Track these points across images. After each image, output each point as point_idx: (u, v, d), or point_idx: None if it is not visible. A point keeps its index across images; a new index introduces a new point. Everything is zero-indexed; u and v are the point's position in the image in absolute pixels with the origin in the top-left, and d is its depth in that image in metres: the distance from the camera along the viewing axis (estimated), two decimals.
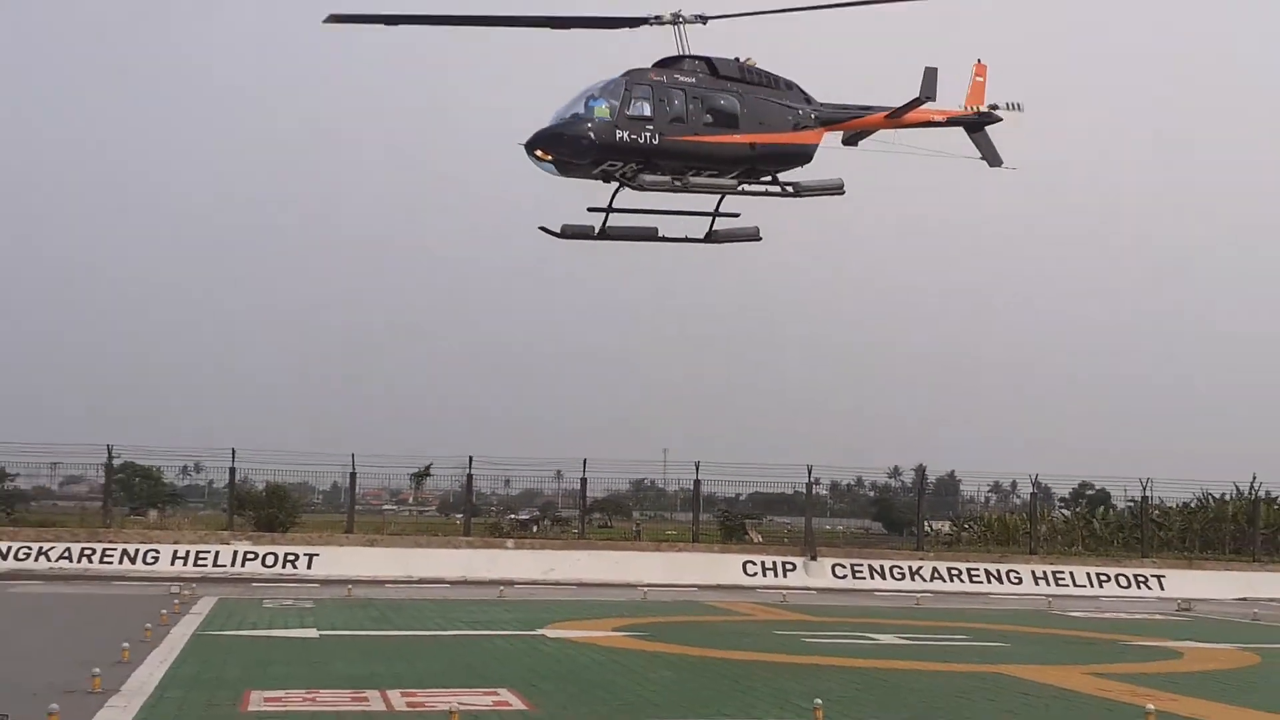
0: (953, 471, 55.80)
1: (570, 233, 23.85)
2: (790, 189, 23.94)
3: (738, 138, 22.62)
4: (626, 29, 22.11)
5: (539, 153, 22.05)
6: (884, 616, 30.61)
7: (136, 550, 39.67)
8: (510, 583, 37.62)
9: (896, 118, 24.29)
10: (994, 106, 25.64)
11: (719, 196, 23.76)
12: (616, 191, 23.42)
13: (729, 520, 50.23)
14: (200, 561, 39.61)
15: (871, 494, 68.49)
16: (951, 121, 25.30)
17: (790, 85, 23.79)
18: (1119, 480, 51.20)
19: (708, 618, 29.40)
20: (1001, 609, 35.30)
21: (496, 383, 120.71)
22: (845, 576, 42.64)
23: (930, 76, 24.38)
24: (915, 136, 25.07)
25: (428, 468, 51.21)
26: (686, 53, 22.71)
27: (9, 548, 39.07)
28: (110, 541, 40.05)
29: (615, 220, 23.93)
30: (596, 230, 23.87)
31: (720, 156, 22.81)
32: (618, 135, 21.86)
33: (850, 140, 24.81)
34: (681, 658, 20.85)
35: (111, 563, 39.03)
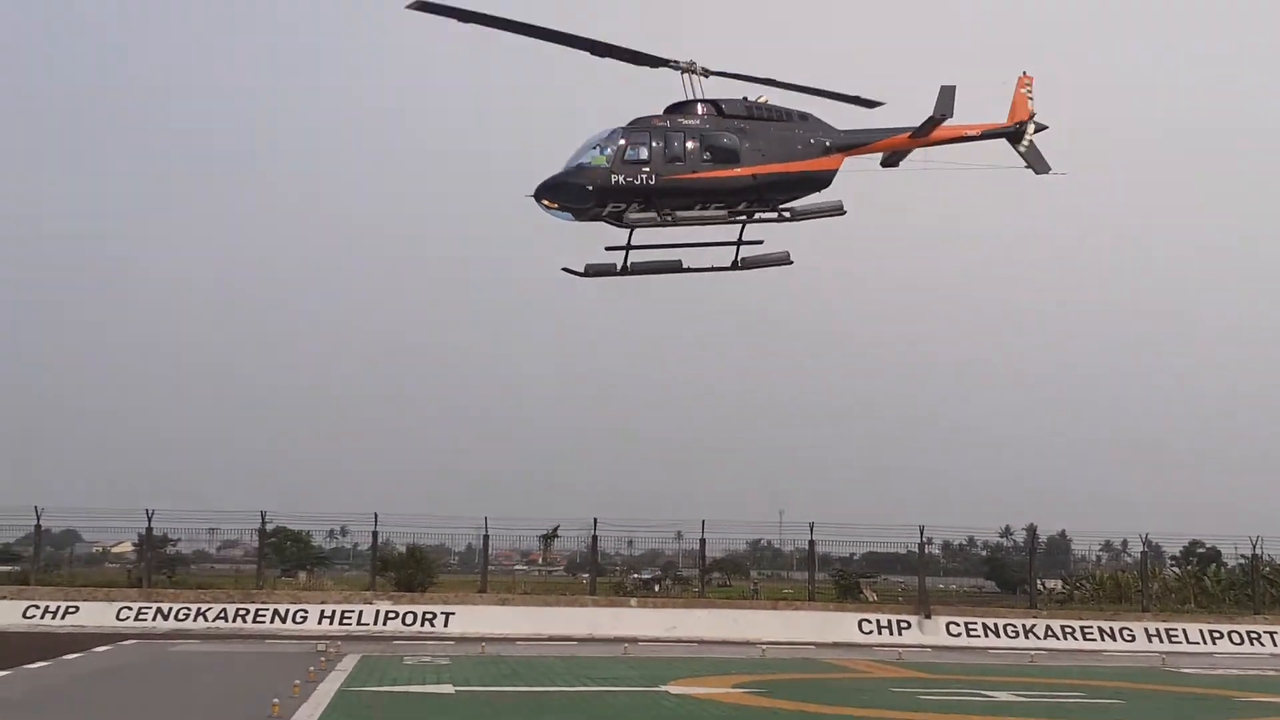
0: (1064, 530, 54.67)
1: (594, 271, 23.80)
2: (787, 214, 23.73)
3: (738, 171, 22.64)
4: (649, 67, 22.38)
5: (545, 202, 22.56)
6: (998, 674, 29.89)
7: (287, 610, 40.47)
8: (634, 640, 37.52)
9: (921, 137, 23.72)
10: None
11: (741, 226, 23.68)
12: (632, 230, 23.41)
13: (844, 579, 49.56)
14: (345, 620, 40.25)
15: (983, 553, 67.07)
16: (987, 135, 24.47)
17: (805, 117, 23.64)
18: (1229, 538, 49.85)
19: (825, 675, 29.01)
20: (1115, 666, 34.26)
21: (620, 448, 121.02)
22: (959, 634, 41.79)
23: (946, 94, 23.53)
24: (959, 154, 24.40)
25: (555, 530, 51.54)
26: (696, 97, 22.97)
27: (170, 609, 40.14)
28: (263, 602, 40.91)
29: (639, 255, 23.80)
30: (619, 267, 23.78)
31: (721, 190, 22.81)
32: (613, 180, 22.16)
33: (888, 163, 24.31)
34: (800, 714, 20.61)
35: (264, 622, 39.85)
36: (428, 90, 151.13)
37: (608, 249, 23.91)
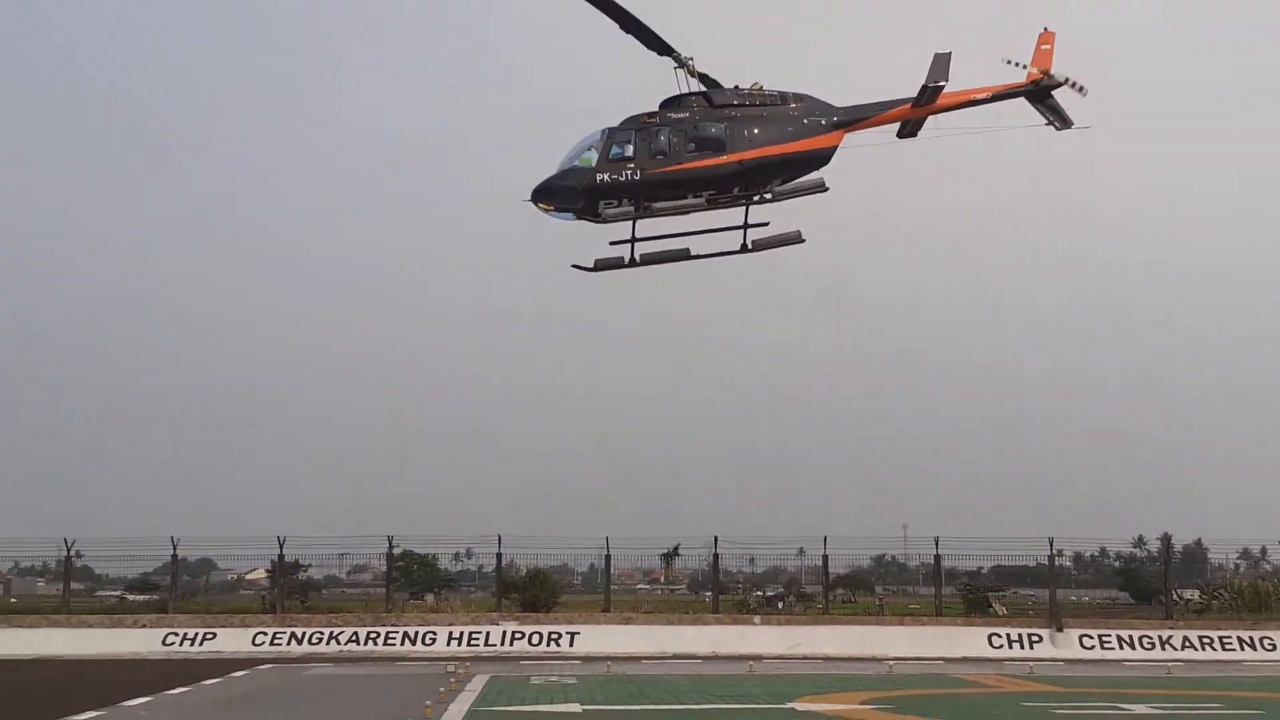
0: (1199, 539, 52.92)
1: (603, 265, 24.04)
2: (768, 196, 23.63)
3: (724, 159, 22.79)
4: (656, 52, 22.55)
5: (541, 205, 23.42)
6: (1135, 686, 29.02)
7: (416, 632, 40.99)
8: (758, 658, 37.22)
9: (923, 105, 22.84)
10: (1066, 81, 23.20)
11: (745, 209, 23.70)
12: (634, 223, 23.80)
13: (972, 593, 48.61)
14: (473, 641, 40.61)
15: (1116, 564, 65.25)
16: (1000, 96, 23.26)
17: (801, 98, 23.40)
18: None
19: (955, 690, 28.43)
20: (1256, 677, 33.02)
21: (741, 465, 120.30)
22: (1093, 647, 40.68)
23: (940, 61, 22.48)
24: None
25: (676, 548, 51.47)
26: (690, 90, 23.17)
27: (304, 633, 40.89)
28: (392, 625, 41.49)
29: (645, 247, 24.06)
30: (626, 260, 24.01)
31: (707, 178, 22.99)
32: (599, 179, 22.87)
33: (905, 134, 23.52)
34: None
35: (394, 645, 40.39)
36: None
37: (612, 244, 24.27)
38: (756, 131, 22.93)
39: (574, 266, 24.12)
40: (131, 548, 46.08)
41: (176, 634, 40.76)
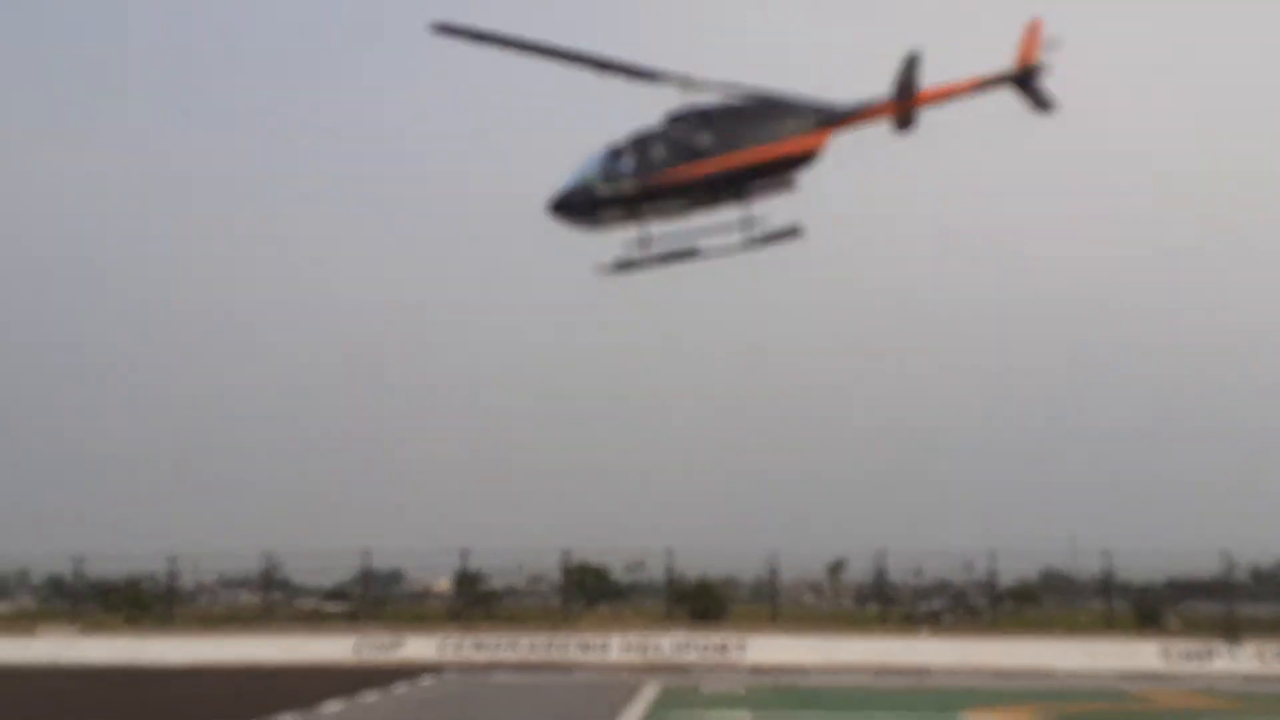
0: None
1: (623, 264, 24.90)
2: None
3: (713, 165, 23.67)
4: (646, 82, 23.29)
5: (557, 217, 24.82)
6: None
7: (590, 641, 42.07)
8: (926, 670, 37.21)
9: (907, 100, 22.59)
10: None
11: (743, 208, 24.27)
12: (641, 226, 24.76)
13: (1144, 606, 47.53)
14: (645, 650, 41.47)
15: None
16: (979, 86, 22.81)
17: (789, 101, 23.76)
18: None
19: (1127, 705, 28.09)
20: None
21: (907, 475, 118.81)
22: (1274, 662, 39.44)
23: (911, 62, 22.31)
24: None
25: (842, 561, 51.57)
26: (688, 103, 23.92)
27: (486, 641, 42.36)
28: (568, 634, 42.63)
29: (659, 246, 24.86)
30: (651, 256, 24.80)
31: (699, 183, 23.91)
32: (600, 191, 24.19)
33: (901, 128, 22.97)
34: None
35: (570, 653, 41.53)
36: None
37: (638, 243, 24.94)
38: (741, 136, 23.69)
39: (603, 272, 25.04)
40: (326, 559, 48.47)
41: (368, 641, 42.63)
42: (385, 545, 48.78)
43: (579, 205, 24.63)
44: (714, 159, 23.74)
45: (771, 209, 24.37)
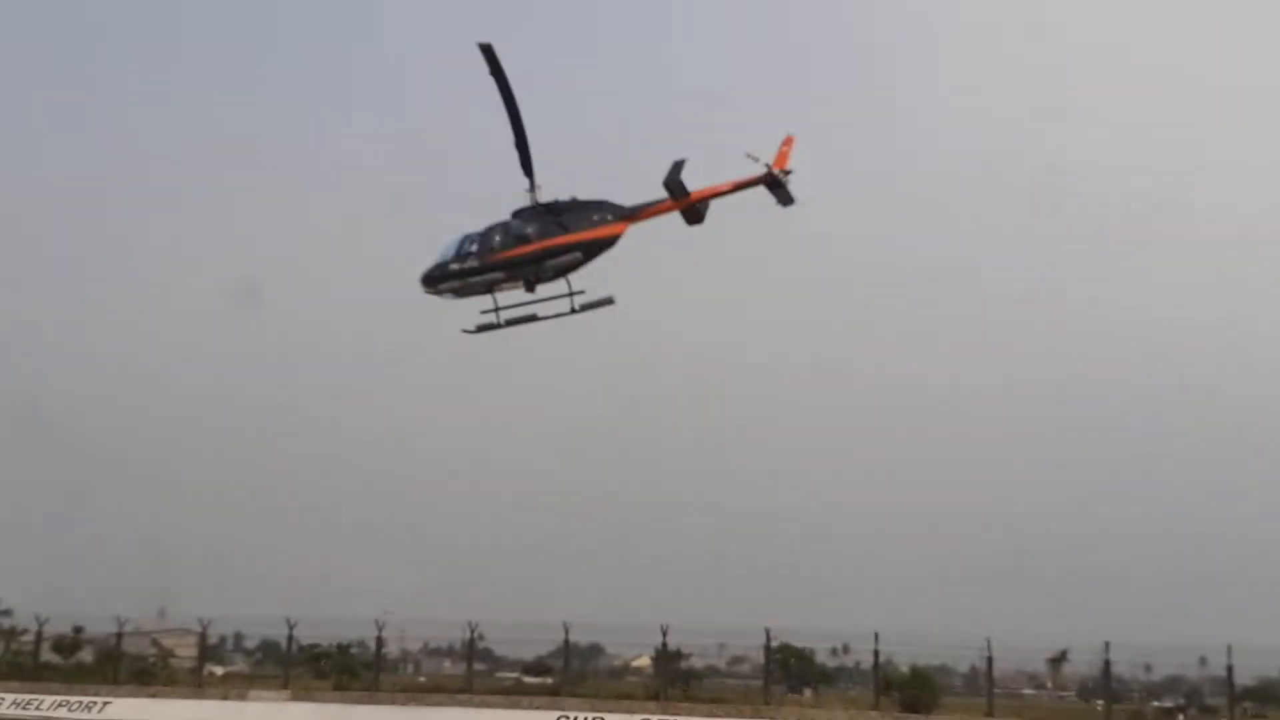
0: None
1: (482, 327, 30.52)
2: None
3: (531, 248, 29.57)
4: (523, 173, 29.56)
5: (426, 290, 30.70)
6: None
7: None
8: None
9: (682, 199, 28.75)
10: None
11: (568, 283, 29.93)
12: (495, 295, 30.45)
13: None
14: None
15: None
16: (740, 186, 28.64)
17: (601, 203, 29.67)
18: None
19: None
20: None
21: (1132, 564, 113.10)
22: None
23: (676, 167, 28.66)
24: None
25: (1064, 653, 49.24)
26: (529, 203, 29.98)
27: None
28: (770, 718, 41.61)
29: (507, 314, 30.57)
30: (498, 322, 30.46)
31: (522, 261, 29.67)
32: (453, 268, 30.07)
33: (691, 221, 29.18)
34: None
35: None
36: None
37: (482, 312, 30.74)
38: (557, 228, 29.49)
39: (463, 331, 30.74)
40: (528, 631, 48.87)
41: (567, 716, 42.36)
42: (586, 619, 48.80)
43: (436, 279, 30.37)
44: (537, 243, 29.54)
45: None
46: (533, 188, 29.64)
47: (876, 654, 44.66)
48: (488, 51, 27.48)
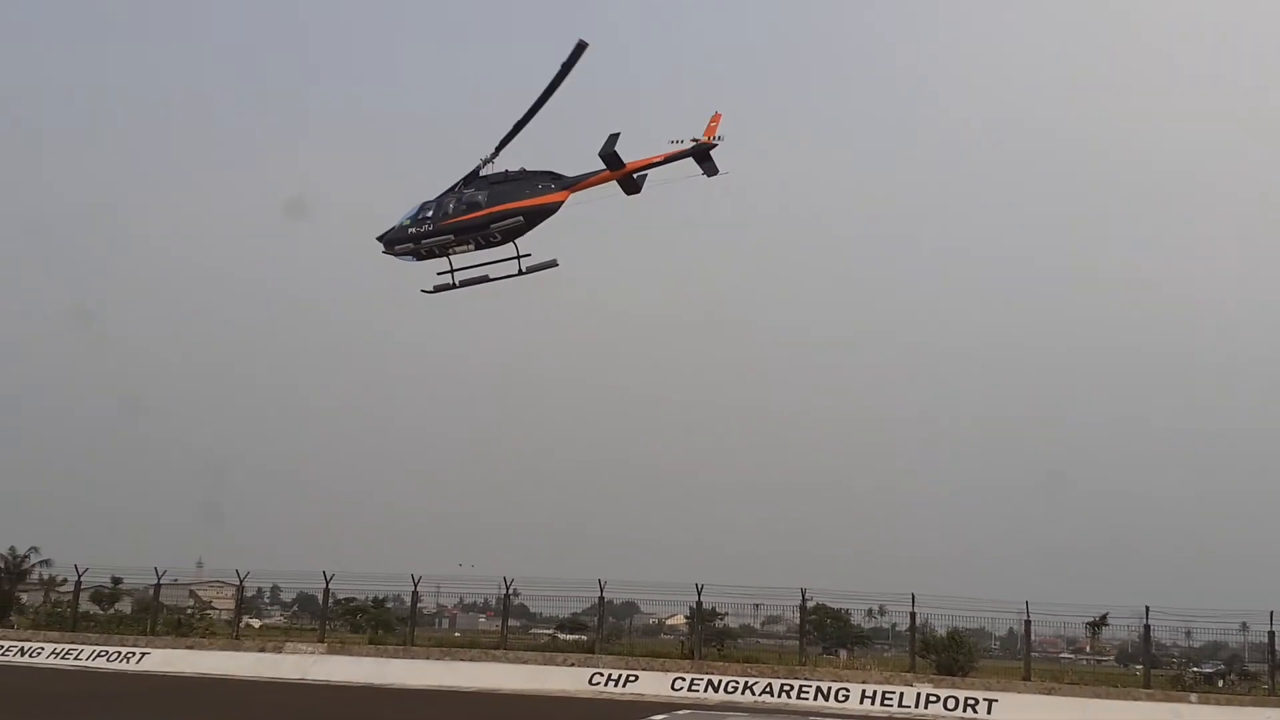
0: None
1: (439, 288, 32.47)
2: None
3: (480, 213, 31.46)
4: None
5: (385, 252, 32.66)
6: None
7: (829, 688, 40.83)
8: None
9: (618, 170, 30.26)
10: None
11: (516, 247, 31.83)
12: (450, 258, 32.34)
13: None
14: (886, 701, 40.03)
15: None
16: (671, 158, 30.00)
17: (546, 174, 31.42)
18: None
19: None
20: None
21: (1172, 530, 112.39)
22: None
23: (611, 139, 29.84)
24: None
25: (1103, 617, 48.72)
26: (484, 171, 31.94)
27: (720, 681, 41.69)
28: (805, 679, 41.52)
29: (461, 275, 32.48)
30: (453, 284, 32.40)
31: (472, 226, 31.56)
32: (410, 231, 32.16)
33: (629, 191, 30.74)
34: None
35: (806, 698, 40.40)
36: None
37: (439, 274, 32.60)
38: (505, 196, 31.34)
39: (422, 291, 32.64)
40: (563, 589, 48.97)
41: (601, 674, 42.60)
42: (621, 578, 48.83)
43: (393, 241, 32.49)
44: (486, 209, 31.51)
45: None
46: (492, 160, 31.79)
47: (913, 616, 44.47)
48: (580, 48, 29.13)
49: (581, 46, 29.14)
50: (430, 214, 32.12)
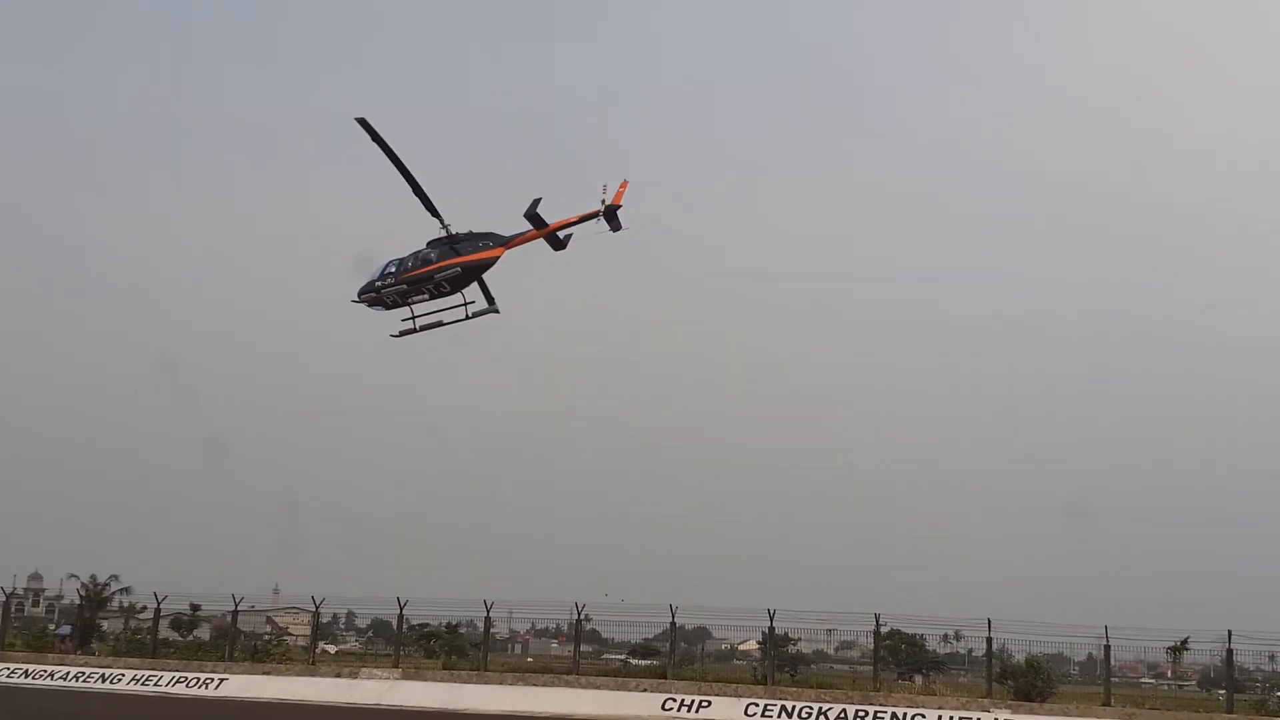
0: None
1: (404, 332, 36.46)
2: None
3: (430, 268, 35.75)
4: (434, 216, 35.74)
5: (357, 301, 36.80)
6: None
7: (904, 713, 40.51)
8: None
9: (542, 229, 34.40)
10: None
11: (463, 295, 36.18)
12: (411, 306, 36.42)
13: None
14: None
15: None
16: (585, 218, 34.07)
17: (488, 234, 35.75)
18: None
19: None
20: None
21: (1258, 548, 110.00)
22: None
23: (535, 203, 34.17)
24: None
25: (1185, 641, 48.01)
26: (441, 235, 36.02)
27: (793, 706, 41.59)
28: (880, 704, 41.30)
29: (422, 321, 36.45)
30: (415, 328, 36.30)
31: (421, 279, 35.82)
32: (376, 284, 36.41)
33: (555, 248, 34.80)
34: None
35: None
36: None
37: (402, 320, 36.54)
38: (453, 251, 35.64)
39: (390, 335, 36.74)
40: (635, 614, 49.17)
41: (674, 699, 42.62)
42: (693, 604, 48.90)
43: (364, 292, 36.59)
44: (435, 264, 35.69)
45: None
46: (444, 225, 35.89)
47: (990, 641, 44.08)
48: (364, 124, 32.65)
49: (362, 121, 32.68)
50: (394, 270, 36.72)
